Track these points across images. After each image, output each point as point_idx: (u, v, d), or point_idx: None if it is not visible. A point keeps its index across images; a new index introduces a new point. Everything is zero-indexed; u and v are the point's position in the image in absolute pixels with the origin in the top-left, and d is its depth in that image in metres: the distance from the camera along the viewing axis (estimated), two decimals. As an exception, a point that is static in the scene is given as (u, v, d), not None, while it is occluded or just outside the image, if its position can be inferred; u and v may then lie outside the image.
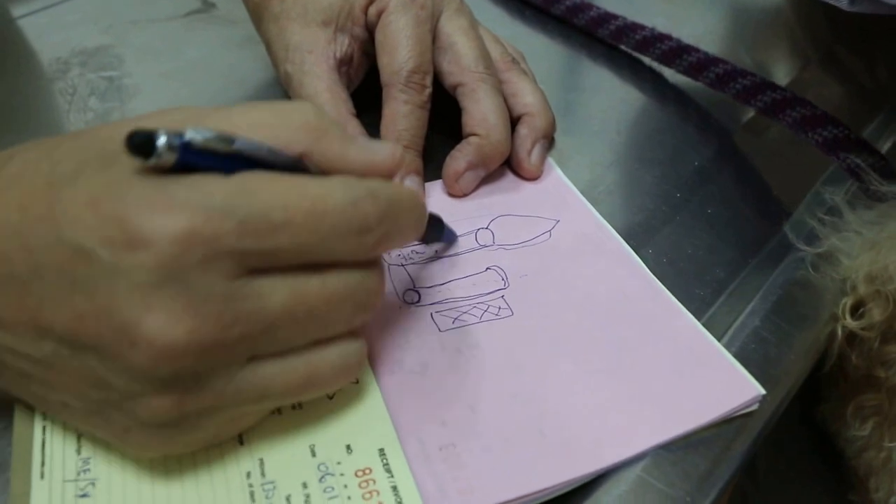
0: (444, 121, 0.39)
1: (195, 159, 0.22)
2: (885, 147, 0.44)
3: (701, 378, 0.29)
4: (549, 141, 0.40)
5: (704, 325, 0.32)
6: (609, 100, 0.46)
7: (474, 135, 0.37)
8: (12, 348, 0.23)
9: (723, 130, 0.44)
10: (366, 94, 0.39)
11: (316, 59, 0.37)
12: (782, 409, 0.31)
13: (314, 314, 0.23)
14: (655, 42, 0.46)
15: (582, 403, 0.28)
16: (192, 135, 0.21)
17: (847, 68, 0.52)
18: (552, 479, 0.26)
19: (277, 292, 0.22)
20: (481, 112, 0.37)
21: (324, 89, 0.37)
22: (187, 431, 0.24)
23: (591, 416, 0.28)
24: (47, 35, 0.48)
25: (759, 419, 0.30)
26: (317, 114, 0.25)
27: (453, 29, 0.38)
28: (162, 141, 0.21)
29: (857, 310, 0.33)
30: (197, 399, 0.22)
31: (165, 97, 0.44)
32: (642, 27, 0.47)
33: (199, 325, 0.21)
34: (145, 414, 0.22)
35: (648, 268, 0.34)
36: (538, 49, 0.49)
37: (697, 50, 0.45)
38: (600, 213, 0.37)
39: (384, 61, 0.37)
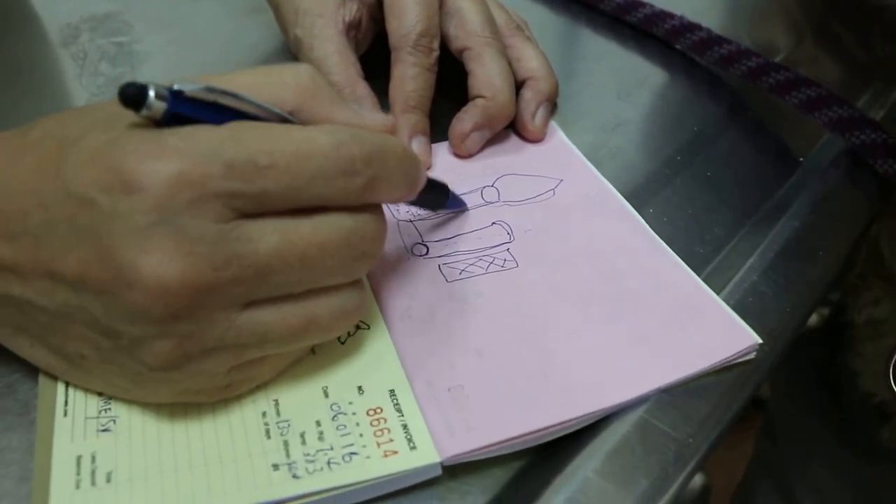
0: (449, 85, 0.40)
1: (186, 110, 0.23)
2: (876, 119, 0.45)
3: (699, 327, 0.30)
4: (552, 104, 0.41)
5: (704, 279, 0.33)
6: (612, 67, 0.46)
7: (480, 97, 0.38)
8: (30, 300, 0.24)
9: (723, 96, 0.45)
10: (372, 59, 0.40)
11: (325, 23, 0.38)
12: (780, 359, 0.32)
13: (307, 259, 0.24)
14: (658, 20, 0.47)
15: (584, 349, 0.29)
16: (182, 85, 0.22)
17: (842, 42, 0.53)
18: (556, 418, 0.27)
19: (268, 236, 0.23)
20: (487, 75, 0.38)
21: (333, 52, 0.37)
22: (195, 376, 0.24)
23: (594, 361, 0.29)
24: (56, 2, 0.48)
25: (757, 367, 0.30)
26: (310, 75, 0.26)
27: (460, -6, 0.39)
28: (152, 92, 0.22)
29: None
30: (198, 341, 0.23)
31: (175, 63, 0.44)
32: (643, 4, 0.48)
33: (191, 265, 0.22)
34: (150, 358, 0.23)
35: (649, 226, 0.35)
36: (541, 19, 0.50)
37: (701, 28, 0.46)
38: (603, 175, 0.37)
39: (393, 25, 0.37)
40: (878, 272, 0.41)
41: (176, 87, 0.22)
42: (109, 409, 0.26)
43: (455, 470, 0.26)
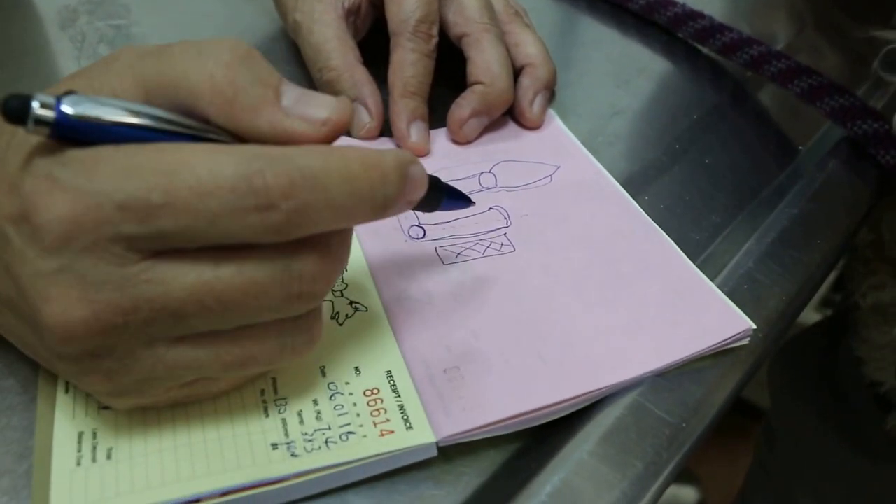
0: (447, 72, 0.40)
1: (83, 126, 0.21)
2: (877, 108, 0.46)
3: (693, 311, 0.30)
4: (550, 92, 0.41)
5: (699, 265, 0.33)
6: (610, 54, 0.47)
7: (478, 83, 0.38)
8: None
9: (725, 84, 0.45)
10: (371, 45, 0.40)
11: (325, 8, 0.38)
12: (774, 347, 0.32)
13: (229, 302, 0.22)
14: (661, 7, 0.47)
15: (579, 332, 0.29)
16: (68, 107, 0.20)
17: (842, 31, 0.53)
18: (550, 399, 0.27)
19: (181, 279, 0.21)
20: (485, 61, 0.38)
21: (332, 37, 0.38)
22: (145, 396, 0.24)
23: (588, 343, 0.29)
24: (54, -15, 0.48)
25: (750, 353, 0.31)
26: (226, 71, 0.22)
27: (458, -20, 0.39)
28: (36, 104, 0.20)
29: None
30: (126, 374, 0.23)
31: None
32: None
33: (94, 312, 0.21)
34: (88, 387, 0.24)
35: (646, 212, 0.35)
36: (541, 6, 0.50)
37: (703, 16, 0.46)
38: (600, 162, 0.38)
39: (392, 10, 0.37)
40: (882, 256, 0.42)
41: (63, 107, 0.20)
42: None
43: (450, 452, 0.26)
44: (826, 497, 0.54)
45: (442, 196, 0.28)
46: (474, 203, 0.31)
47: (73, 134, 0.21)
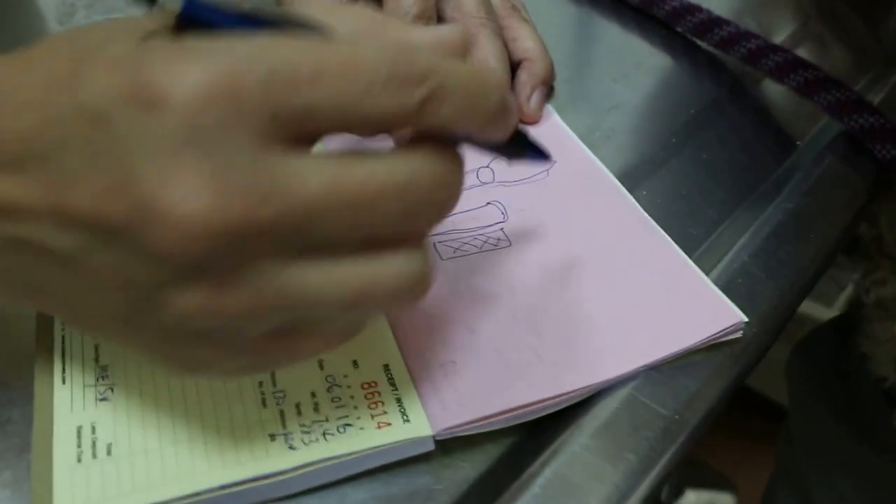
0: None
1: (208, 16, 0.20)
2: (875, 102, 0.46)
3: (686, 305, 0.31)
4: (548, 87, 0.41)
5: (695, 260, 0.33)
6: (609, 49, 0.47)
7: (476, 78, 0.38)
8: (38, 242, 0.20)
9: (723, 79, 0.45)
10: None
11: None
12: (769, 341, 0.32)
13: (360, 205, 0.20)
14: (660, 1, 0.47)
15: (575, 327, 0.29)
16: None
17: (846, 24, 0.53)
18: (545, 393, 0.27)
19: (316, 173, 0.19)
20: (482, 56, 0.38)
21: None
22: (228, 345, 0.21)
23: (584, 338, 0.29)
24: (52, -20, 0.48)
25: (745, 347, 0.31)
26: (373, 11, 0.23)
27: (456, -25, 0.39)
28: None
29: None
30: (232, 295, 0.19)
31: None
32: None
33: (224, 195, 0.18)
34: (176, 313, 0.20)
35: (643, 208, 0.35)
36: (539, 0, 0.50)
37: (701, 10, 0.45)
38: (597, 157, 0.38)
39: (390, 6, 0.37)
40: (882, 252, 0.42)
41: None
42: (107, 376, 0.27)
43: (447, 446, 0.27)
44: (843, 494, 0.54)
45: (527, 144, 0.27)
46: (554, 161, 0.29)
47: (196, 21, 0.20)
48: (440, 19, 0.39)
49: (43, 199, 0.19)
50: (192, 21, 0.20)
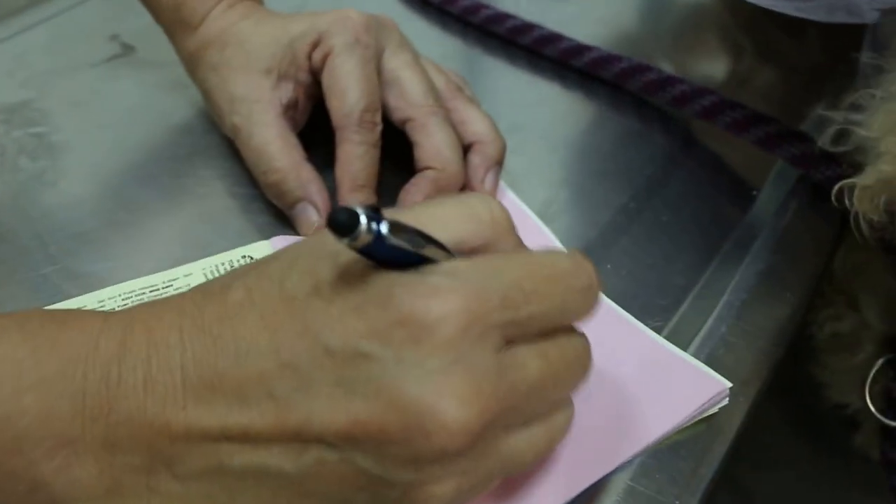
0: (389, 153, 0.39)
1: (385, 252, 0.22)
2: (831, 131, 0.44)
3: (667, 384, 0.31)
4: (500, 167, 0.40)
5: (670, 333, 0.33)
6: (554, 113, 0.46)
7: (429, 168, 0.37)
8: (263, 466, 0.22)
9: (675, 133, 0.45)
10: (308, 133, 0.39)
11: (263, 108, 0.37)
12: (756, 405, 0.32)
13: (557, 378, 0.24)
14: (606, 64, 0.46)
15: None
16: (385, 228, 0.21)
17: (783, 53, 0.53)
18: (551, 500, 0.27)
19: (532, 360, 0.23)
20: (435, 146, 0.37)
21: (275, 137, 0.36)
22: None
23: (568, 444, 0.28)
24: (-38, 94, 0.45)
25: (734, 415, 0.31)
26: (500, 208, 0.26)
27: (398, 64, 0.38)
28: (363, 219, 0.20)
29: None
30: (472, 477, 0.23)
31: (100, 151, 0.42)
32: (590, 48, 0.47)
33: (484, 401, 0.22)
34: (429, 499, 0.23)
35: (609, 283, 0.35)
36: (479, 68, 0.50)
37: (651, 68, 0.45)
38: (556, 231, 0.37)
39: (335, 105, 0.36)
40: (835, 288, 0.43)
41: (382, 230, 0.21)
42: None
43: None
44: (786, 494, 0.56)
45: None
46: None
47: (376, 252, 0.22)
48: (385, 108, 0.38)
49: (283, 429, 0.22)
50: (369, 252, 0.22)
